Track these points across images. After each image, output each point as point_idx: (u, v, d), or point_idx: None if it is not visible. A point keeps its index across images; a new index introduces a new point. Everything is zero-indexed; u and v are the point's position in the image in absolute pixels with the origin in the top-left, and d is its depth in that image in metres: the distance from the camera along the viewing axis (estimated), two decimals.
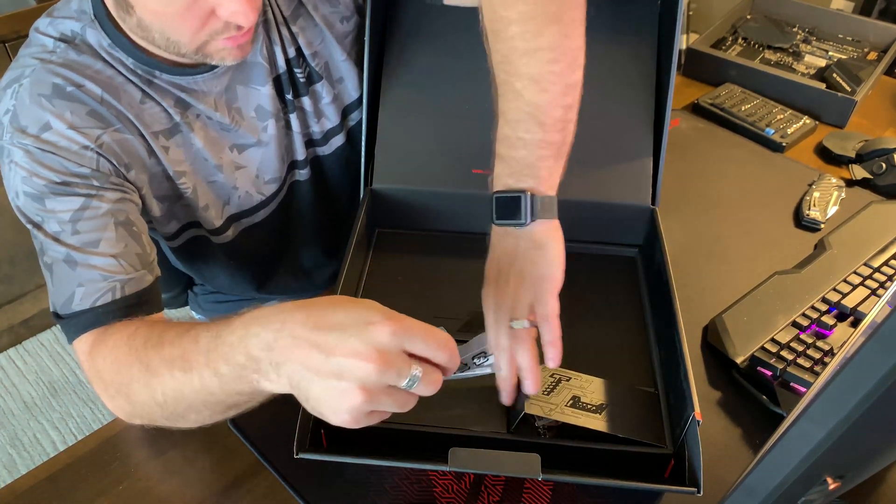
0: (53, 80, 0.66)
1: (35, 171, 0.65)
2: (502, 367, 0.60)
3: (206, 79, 0.73)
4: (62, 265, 0.65)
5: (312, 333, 0.46)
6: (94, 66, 0.68)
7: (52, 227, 0.65)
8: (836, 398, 0.32)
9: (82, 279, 0.64)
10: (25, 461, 1.57)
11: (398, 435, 0.61)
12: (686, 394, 0.59)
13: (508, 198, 0.63)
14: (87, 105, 0.67)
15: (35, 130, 0.65)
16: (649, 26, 0.82)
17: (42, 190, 0.65)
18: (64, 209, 0.65)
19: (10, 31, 1.40)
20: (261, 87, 0.77)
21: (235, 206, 0.82)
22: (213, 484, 0.64)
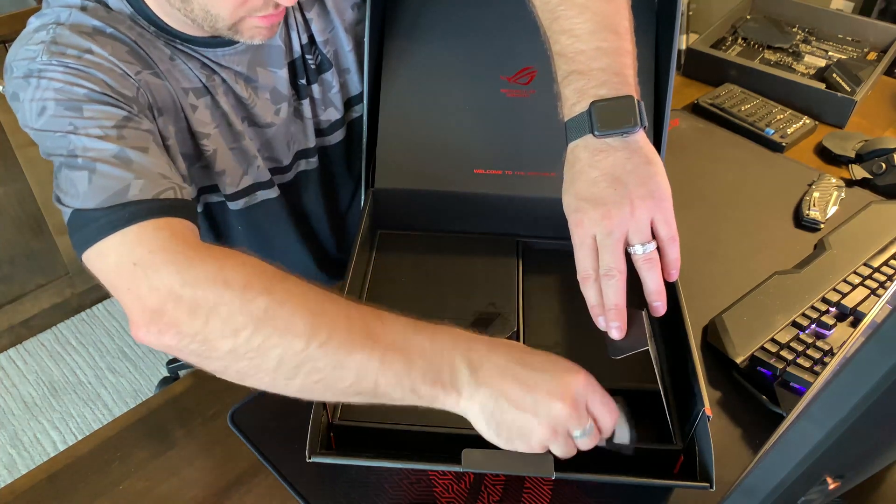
0: (93, 23, 0.65)
1: (75, 81, 0.61)
2: (616, 294, 0.56)
3: (227, 53, 0.73)
4: (111, 161, 0.57)
5: (518, 368, 0.52)
6: (125, 23, 0.68)
7: (93, 131, 0.59)
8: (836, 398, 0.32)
9: (140, 173, 0.57)
10: (25, 461, 1.57)
11: (405, 436, 0.61)
12: (695, 389, 0.59)
13: (616, 105, 0.56)
14: (128, 45, 0.66)
15: (76, 52, 0.62)
16: (646, 25, 0.82)
17: (81, 97, 0.60)
18: (106, 116, 0.60)
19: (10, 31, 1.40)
20: (278, 70, 0.78)
21: (252, 178, 0.82)
22: (213, 484, 0.64)
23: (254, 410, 0.69)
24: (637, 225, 0.56)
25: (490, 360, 0.52)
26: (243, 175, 0.81)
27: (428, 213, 0.82)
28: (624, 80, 0.58)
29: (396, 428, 0.61)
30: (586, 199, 0.57)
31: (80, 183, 0.57)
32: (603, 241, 0.56)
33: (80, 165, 0.58)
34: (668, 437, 0.62)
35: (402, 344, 0.52)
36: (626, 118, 0.56)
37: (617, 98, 0.56)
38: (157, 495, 0.63)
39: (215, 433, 0.67)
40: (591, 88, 0.58)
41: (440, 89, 0.82)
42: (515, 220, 0.81)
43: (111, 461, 0.66)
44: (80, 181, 0.57)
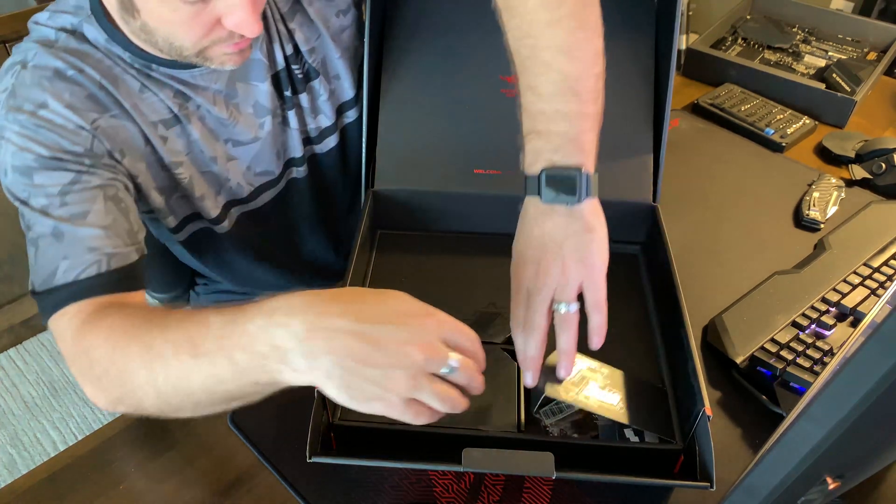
0: (55, 64, 0.66)
1: (26, 145, 0.64)
2: (533, 347, 0.59)
3: (205, 73, 0.73)
4: (48, 239, 0.63)
5: (355, 325, 0.48)
6: (94, 55, 0.69)
7: (40, 201, 0.64)
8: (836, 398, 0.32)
9: (68, 252, 0.63)
10: (26, 461, 1.57)
11: (406, 436, 0.61)
12: (695, 389, 0.59)
13: (562, 175, 0.59)
14: (87, 89, 0.67)
15: (31, 108, 0.65)
16: (646, 24, 0.82)
17: (31, 164, 0.64)
18: (53, 183, 0.64)
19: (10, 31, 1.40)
20: (260, 83, 0.77)
21: (228, 195, 0.82)
22: (213, 484, 0.64)
23: (254, 410, 0.68)
24: (564, 287, 0.59)
25: (319, 324, 0.48)
26: (218, 194, 0.81)
27: (428, 213, 0.82)
28: (579, 147, 0.60)
29: (396, 428, 0.61)
30: (525, 255, 0.61)
31: (31, 258, 0.64)
32: (532, 297, 0.59)
33: (31, 240, 0.64)
34: (669, 437, 0.62)
35: (221, 344, 0.51)
36: (570, 190, 0.59)
37: (567, 168, 0.59)
38: (158, 495, 0.63)
39: (215, 433, 0.67)
40: (547, 152, 0.60)
41: (439, 89, 0.82)
42: (515, 219, 0.81)
43: (111, 461, 0.66)
44: (31, 257, 0.64)
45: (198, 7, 0.61)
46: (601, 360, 0.69)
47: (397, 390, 0.49)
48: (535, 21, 0.61)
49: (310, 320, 0.48)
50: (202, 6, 0.61)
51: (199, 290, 1.09)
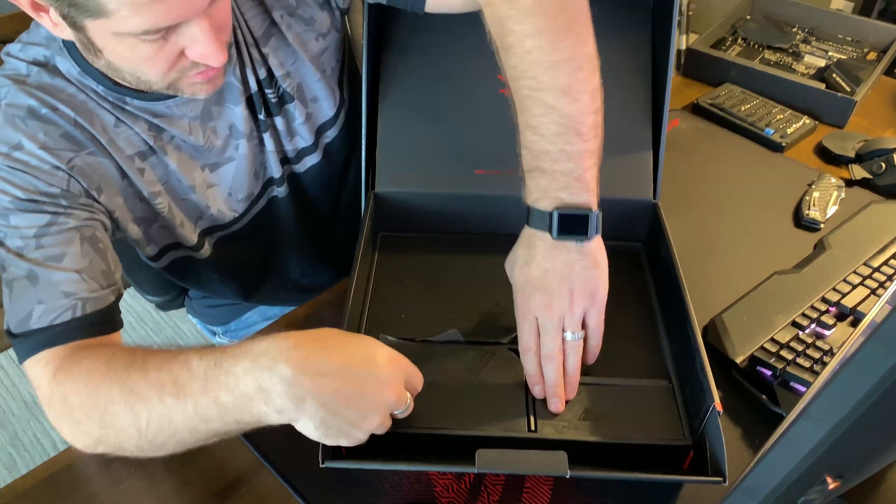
0: (28, 102, 0.66)
1: (1, 187, 0.64)
2: (554, 374, 0.63)
3: (179, 103, 0.72)
4: (23, 282, 0.63)
5: (339, 368, 0.52)
6: (68, 89, 0.68)
7: (15, 242, 0.63)
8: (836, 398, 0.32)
9: (42, 296, 0.62)
10: (25, 461, 1.57)
11: (413, 438, 0.61)
12: (704, 385, 0.59)
13: (575, 215, 0.62)
14: (61, 127, 0.67)
15: (5, 149, 0.64)
16: (643, 22, 0.82)
17: (7, 206, 0.64)
18: (28, 225, 0.63)
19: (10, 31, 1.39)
20: (234, 106, 0.77)
21: (208, 222, 0.82)
22: (213, 484, 0.64)
23: None
24: (573, 317, 0.63)
25: (307, 367, 0.51)
26: (197, 220, 0.81)
27: (429, 215, 0.82)
28: (586, 186, 0.63)
29: (404, 431, 0.61)
30: (536, 285, 0.63)
31: (5, 298, 0.64)
32: (545, 326, 0.63)
33: (5, 281, 0.64)
34: (678, 435, 0.62)
35: (205, 386, 0.53)
36: (583, 230, 0.62)
37: (578, 208, 0.62)
38: (157, 495, 0.63)
39: None
40: (554, 190, 0.63)
41: (439, 90, 0.82)
42: (517, 220, 0.81)
43: (111, 461, 0.66)
44: (5, 297, 0.64)
45: (158, 44, 0.60)
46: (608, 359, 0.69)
47: (366, 428, 0.54)
48: (534, 63, 0.63)
49: (296, 364, 0.51)
50: (162, 42, 0.60)
51: (192, 293, 1.09)
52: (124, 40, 0.59)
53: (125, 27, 0.57)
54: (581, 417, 0.63)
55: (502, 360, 0.67)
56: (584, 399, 0.64)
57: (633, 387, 0.66)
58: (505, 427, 0.62)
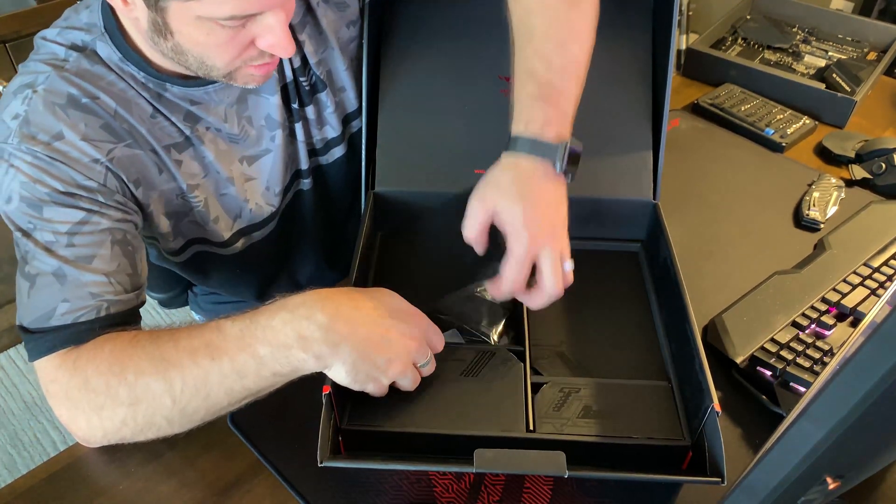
0: (69, 90, 0.65)
1: (39, 178, 0.63)
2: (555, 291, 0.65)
3: (217, 89, 0.72)
4: (49, 278, 0.62)
5: (370, 317, 0.58)
6: (107, 77, 0.68)
7: (45, 237, 0.63)
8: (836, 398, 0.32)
9: (69, 295, 0.62)
10: (25, 461, 1.57)
11: (412, 438, 0.62)
12: (703, 385, 0.59)
13: (575, 153, 0.66)
14: (102, 118, 0.67)
15: (46, 138, 0.64)
16: (643, 22, 0.82)
17: (42, 197, 0.63)
18: (62, 220, 0.63)
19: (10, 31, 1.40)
20: (270, 96, 0.77)
21: (246, 220, 0.82)
22: (213, 484, 0.64)
23: (254, 410, 0.69)
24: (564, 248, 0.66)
25: (339, 316, 0.56)
26: (236, 219, 0.81)
27: (429, 215, 0.82)
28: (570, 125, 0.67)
29: (403, 431, 0.61)
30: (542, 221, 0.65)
31: (22, 292, 0.64)
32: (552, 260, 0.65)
33: (26, 273, 0.63)
34: (676, 435, 0.62)
35: (242, 343, 0.57)
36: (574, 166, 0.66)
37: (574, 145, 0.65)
38: (157, 495, 0.63)
39: (215, 433, 0.67)
40: (557, 124, 0.65)
41: (438, 90, 0.82)
42: None
43: (111, 461, 0.66)
44: (23, 290, 0.63)
45: (235, 31, 0.61)
46: (608, 359, 0.70)
47: (391, 374, 0.59)
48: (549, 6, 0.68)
49: (330, 312, 0.56)
50: (239, 30, 0.61)
51: (197, 290, 1.09)
52: (204, 24, 0.60)
53: (212, 12, 0.58)
54: (580, 416, 0.63)
55: (502, 361, 0.67)
56: (584, 398, 0.64)
57: (633, 386, 0.66)
58: (503, 427, 0.62)
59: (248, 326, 0.57)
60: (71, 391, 0.60)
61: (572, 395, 0.65)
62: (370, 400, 0.63)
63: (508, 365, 0.67)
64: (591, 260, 0.81)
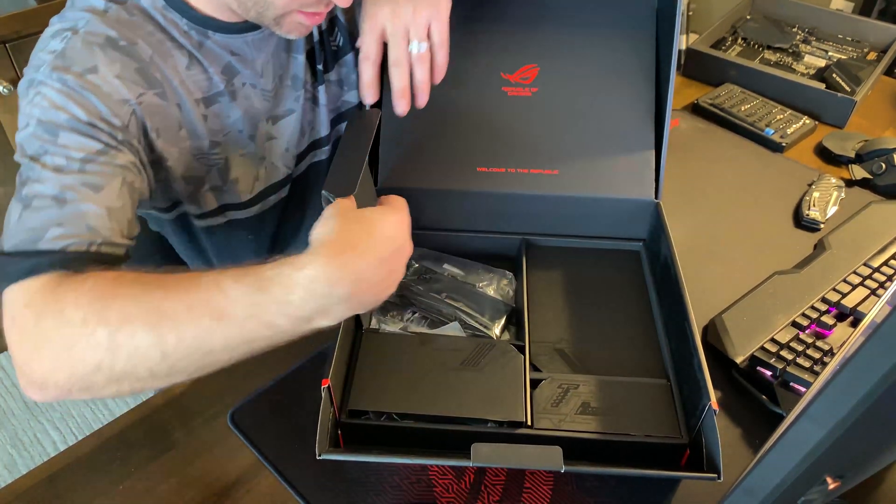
0: (108, 32, 0.65)
1: (64, 104, 0.61)
2: (399, 81, 0.72)
3: (256, 40, 0.73)
4: (47, 200, 0.58)
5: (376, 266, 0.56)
6: (147, 27, 0.68)
7: (57, 160, 0.60)
8: (836, 398, 0.32)
9: (64, 220, 0.58)
10: (26, 461, 1.57)
11: (411, 433, 0.62)
12: (701, 384, 0.59)
13: None
14: (137, 62, 0.66)
15: (79, 70, 0.63)
16: (647, 23, 0.82)
17: (62, 123, 0.61)
18: (79, 147, 0.60)
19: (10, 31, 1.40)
20: (298, 55, 0.78)
21: (263, 182, 0.82)
22: (213, 484, 0.64)
23: (254, 410, 0.69)
24: (416, 26, 0.70)
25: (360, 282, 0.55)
26: (255, 180, 0.81)
27: (431, 212, 0.82)
28: None
29: (402, 426, 0.62)
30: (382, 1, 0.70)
31: (12, 216, 0.59)
32: (392, 35, 0.70)
33: (22, 196, 0.59)
34: (674, 433, 0.62)
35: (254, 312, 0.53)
36: None
37: None
38: (157, 495, 0.63)
39: (215, 433, 0.67)
40: None
41: (442, 87, 0.82)
42: (519, 217, 0.81)
43: (111, 461, 0.66)
44: (13, 214, 0.59)
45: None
46: (607, 358, 0.70)
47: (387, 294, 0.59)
48: None
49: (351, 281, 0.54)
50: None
51: None
52: None
53: None
54: (578, 413, 0.63)
55: (502, 353, 0.67)
56: (582, 395, 0.65)
57: (632, 384, 0.66)
58: (503, 414, 0.62)
59: (262, 299, 0.53)
60: (43, 320, 0.53)
61: (571, 391, 0.65)
62: (370, 387, 0.64)
63: (509, 356, 0.67)
64: (593, 258, 0.81)
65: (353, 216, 0.59)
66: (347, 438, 0.62)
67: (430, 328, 0.72)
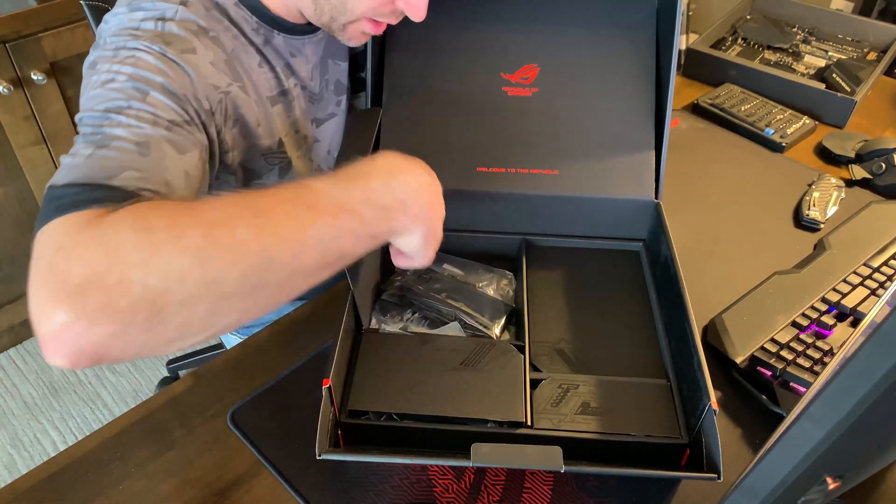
0: (200, 22, 0.66)
1: (162, 68, 0.60)
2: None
3: (311, 42, 0.74)
4: (129, 143, 0.53)
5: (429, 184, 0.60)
6: (223, 22, 0.69)
7: (143, 115, 0.56)
8: (836, 398, 0.32)
9: (144, 167, 0.52)
10: (26, 461, 1.57)
11: (411, 433, 0.62)
12: (701, 384, 0.60)
13: None
14: (225, 53, 0.68)
15: (181, 47, 0.63)
16: (647, 23, 0.82)
17: (155, 84, 0.58)
18: (166, 109, 0.58)
19: (10, 31, 1.40)
20: (342, 62, 0.79)
21: None
22: (213, 484, 0.64)
23: (254, 410, 0.69)
24: None
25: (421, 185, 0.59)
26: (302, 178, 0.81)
27: None
28: None
29: (402, 426, 0.62)
30: None
31: (79, 156, 0.52)
32: None
33: (97, 139, 0.53)
34: (674, 434, 0.62)
35: (343, 202, 0.53)
36: None
37: None
38: (157, 495, 0.63)
39: (215, 433, 0.67)
40: None
41: (442, 88, 0.82)
42: (519, 217, 0.81)
43: (111, 461, 0.66)
44: (81, 154, 0.52)
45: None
46: (607, 358, 0.70)
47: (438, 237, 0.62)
48: None
49: (416, 179, 0.58)
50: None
51: None
52: None
53: None
54: (578, 413, 0.63)
55: (502, 353, 0.67)
56: (582, 395, 0.65)
57: (632, 384, 0.66)
58: (503, 413, 0.62)
59: (346, 187, 0.53)
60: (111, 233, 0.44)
61: (571, 391, 0.65)
62: (370, 387, 0.64)
63: (509, 356, 0.67)
64: (593, 258, 0.81)
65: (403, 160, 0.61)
66: (347, 438, 0.62)
67: (430, 328, 0.72)
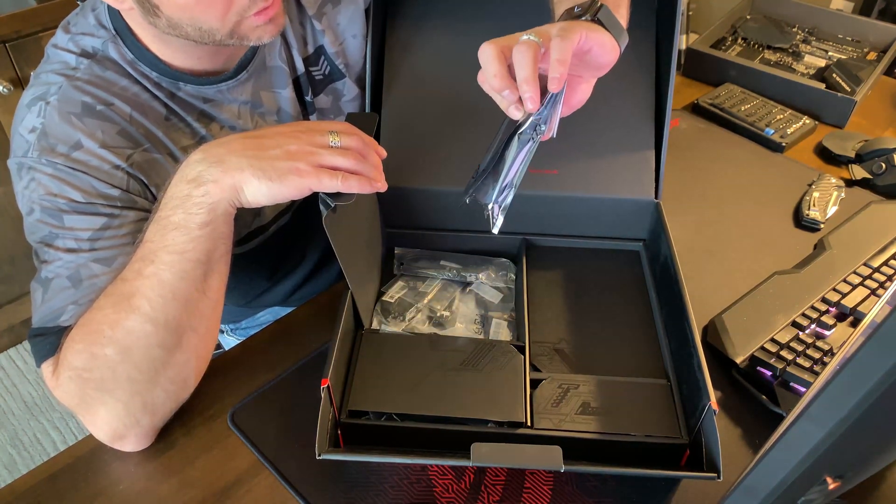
0: (82, 99, 0.65)
1: (60, 190, 0.64)
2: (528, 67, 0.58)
3: (231, 87, 0.73)
4: (63, 281, 0.63)
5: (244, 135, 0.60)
6: (120, 82, 0.68)
7: (68, 243, 0.64)
8: (836, 398, 0.32)
9: (80, 298, 0.63)
10: (26, 461, 1.57)
11: (411, 433, 0.62)
12: (701, 384, 0.60)
13: None
14: (118, 124, 0.67)
15: (65, 149, 0.64)
16: (647, 23, 0.82)
17: (63, 208, 0.64)
18: (84, 227, 0.64)
19: (10, 31, 1.40)
20: (282, 90, 0.78)
21: (263, 218, 0.82)
22: (213, 484, 0.64)
23: (254, 410, 0.69)
24: None
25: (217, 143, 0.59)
26: (255, 216, 0.81)
27: (433, 212, 0.82)
28: None
29: (402, 426, 0.62)
30: None
31: (37, 297, 0.65)
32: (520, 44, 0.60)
33: (43, 279, 0.64)
34: (674, 434, 0.62)
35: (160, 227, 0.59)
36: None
37: None
38: (157, 495, 0.63)
39: (215, 433, 0.67)
40: None
41: (442, 87, 0.82)
42: (519, 217, 0.81)
43: (111, 461, 0.66)
44: (37, 295, 0.65)
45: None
46: (607, 357, 0.70)
47: (300, 156, 0.57)
48: None
49: (203, 149, 0.59)
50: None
51: None
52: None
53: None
54: (578, 413, 0.63)
55: (502, 353, 0.67)
56: (582, 395, 0.65)
57: (632, 384, 0.66)
58: (503, 414, 0.62)
59: (156, 213, 0.59)
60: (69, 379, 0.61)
61: (571, 391, 0.65)
62: (369, 387, 0.64)
63: (509, 356, 0.67)
64: (593, 258, 0.82)
65: None
66: (347, 438, 0.62)
67: (432, 328, 0.72)
